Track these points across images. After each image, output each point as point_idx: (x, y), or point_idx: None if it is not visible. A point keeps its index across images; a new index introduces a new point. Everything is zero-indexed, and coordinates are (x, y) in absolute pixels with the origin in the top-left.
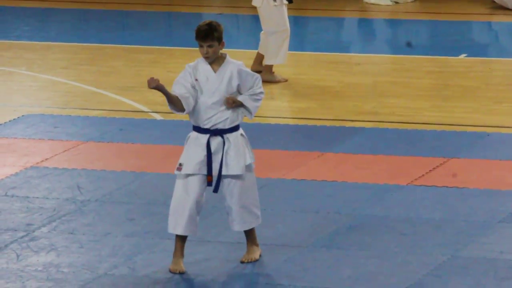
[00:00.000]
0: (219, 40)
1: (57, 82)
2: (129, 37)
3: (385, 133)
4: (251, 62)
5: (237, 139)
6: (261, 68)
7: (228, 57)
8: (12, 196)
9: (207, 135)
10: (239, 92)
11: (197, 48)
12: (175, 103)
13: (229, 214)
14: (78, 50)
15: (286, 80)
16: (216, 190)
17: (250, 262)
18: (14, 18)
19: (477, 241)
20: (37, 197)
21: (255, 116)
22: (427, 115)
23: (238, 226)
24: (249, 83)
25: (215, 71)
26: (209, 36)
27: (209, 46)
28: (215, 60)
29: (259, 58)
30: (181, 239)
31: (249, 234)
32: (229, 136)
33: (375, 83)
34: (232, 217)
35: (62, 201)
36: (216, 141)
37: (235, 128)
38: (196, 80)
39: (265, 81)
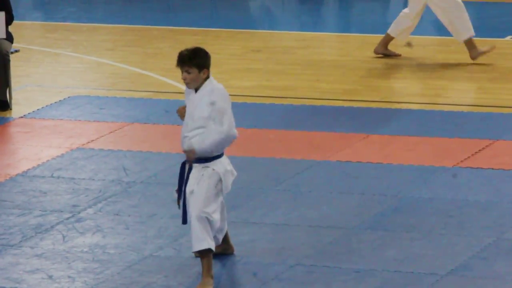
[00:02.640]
0: (200, 67)
1: (103, 63)
2: (174, 19)
3: (431, 115)
4: (295, 43)
5: (200, 170)
6: (386, 52)
7: (208, 81)
8: (58, 177)
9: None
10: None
11: (244, 30)
12: None
13: None
14: (124, 32)
15: (491, 49)
16: (184, 221)
17: None
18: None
19: None
20: (83, 179)
21: (303, 98)
22: (473, 97)
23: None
24: (216, 118)
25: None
26: (186, 62)
27: (187, 72)
28: (199, 87)
29: (387, 40)
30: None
31: (201, 261)
32: (195, 166)
33: (421, 65)
34: None
35: (108, 182)
36: (188, 166)
37: (203, 160)
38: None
39: (475, 58)
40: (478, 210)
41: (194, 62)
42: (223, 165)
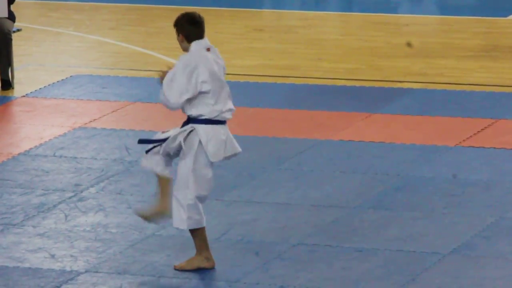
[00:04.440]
0: (177, 32)
1: (105, 42)
2: None
3: (433, 94)
4: (297, 22)
5: (185, 129)
6: None
7: (189, 50)
8: (60, 156)
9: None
10: None
11: (246, 9)
12: None
13: None
14: (126, 11)
15: None
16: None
17: (181, 270)
18: None
19: None
20: (85, 158)
21: (305, 77)
22: (476, 76)
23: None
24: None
25: None
26: (174, 27)
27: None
28: None
29: None
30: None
31: (193, 237)
32: (189, 125)
33: (423, 44)
34: None
35: (110, 161)
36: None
37: (191, 120)
38: None
39: None
40: (480, 189)
41: (175, 28)
42: (207, 132)
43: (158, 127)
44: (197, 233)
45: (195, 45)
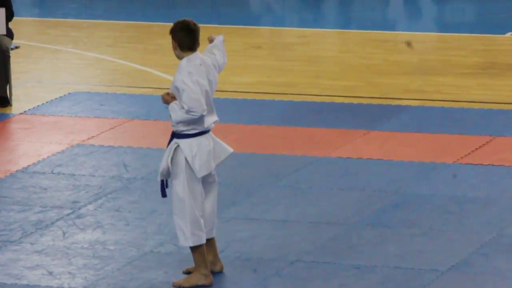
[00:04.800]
0: (172, 39)
1: (104, 60)
2: (175, 15)
3: (431, 111)
4: (295, 40)
5: (171, 147)
6: None
7: (181, 61)
8: (58, 173)
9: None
10: None
11: (244, 26)
12: None
13: None
14: (124, 28)
15: None
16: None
17: (179, 287)
18: None
19: None
20: (83, 175)
21: (304, 94)
22: (474, 93)
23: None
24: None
25: None
26: (170, 34)
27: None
28: None
29: None
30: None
31: (192, 254)
32: (173, 141)
33: (421, 61)
34: None
35: (108, 178)
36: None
37: (175, 135)
38: None
39: None
40: (479, 206)
41: (171, 34)
42: (191, 147)
43: (156, 144)
44: (197, 250)
45: (186, 61)
